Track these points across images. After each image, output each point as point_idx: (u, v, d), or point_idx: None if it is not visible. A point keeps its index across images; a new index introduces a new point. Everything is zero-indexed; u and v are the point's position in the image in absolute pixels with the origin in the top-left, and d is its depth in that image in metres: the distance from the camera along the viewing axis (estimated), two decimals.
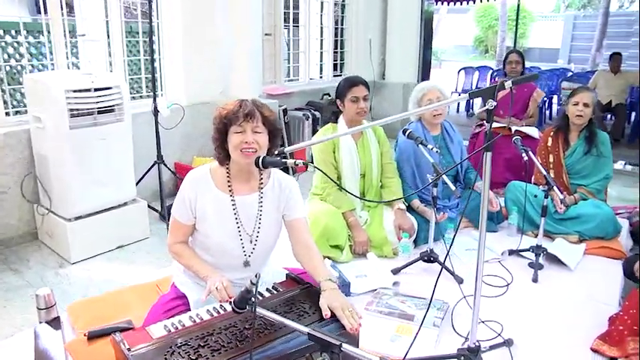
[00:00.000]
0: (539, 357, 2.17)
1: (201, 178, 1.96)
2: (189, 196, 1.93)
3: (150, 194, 4.16)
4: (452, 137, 3.46)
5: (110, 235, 3.43)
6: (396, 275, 2.80)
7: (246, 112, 1.85)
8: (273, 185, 2.02)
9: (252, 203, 1.98)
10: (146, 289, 2.46)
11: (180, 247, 2.01)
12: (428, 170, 3.29)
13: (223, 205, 1.94)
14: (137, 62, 4.66)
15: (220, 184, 1.95)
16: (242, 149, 1.85)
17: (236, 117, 1.85)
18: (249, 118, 1.85)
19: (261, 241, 2.01)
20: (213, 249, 1.98)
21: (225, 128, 1.89)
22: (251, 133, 1.85)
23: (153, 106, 3.73)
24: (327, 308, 1.73)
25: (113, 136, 3.36)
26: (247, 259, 2.01)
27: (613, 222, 3.18)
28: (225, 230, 1.95)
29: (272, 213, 2.02)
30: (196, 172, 1.98)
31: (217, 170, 1.98)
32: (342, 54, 6.83)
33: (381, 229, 3.06)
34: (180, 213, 1.97)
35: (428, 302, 2.45)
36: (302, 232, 2.05)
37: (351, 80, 3.07)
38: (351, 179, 3.10)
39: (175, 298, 2.02)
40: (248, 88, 4.73)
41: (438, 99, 3.22)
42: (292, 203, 2.05)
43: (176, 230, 2.00)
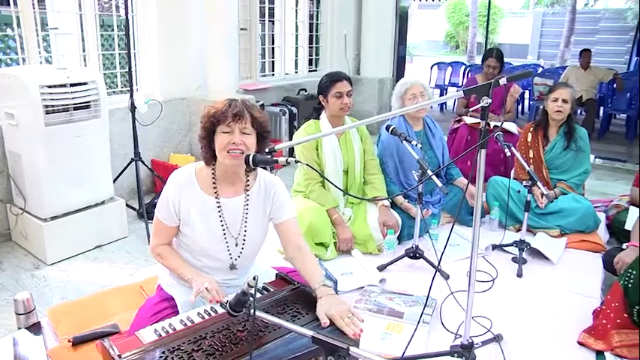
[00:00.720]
0: (528, 351, 2.19)
1: (185, 180, 1.90)
2: (173, 198, 1.87)
3: (126, 192, 4.07)
4: (434, 132, 3.48)
5: (88, 234, 3.33)
6: (382, 272, 2.80)
7: (235, 112, 1.80)
8: (259, 187, 1.97)
9: (238, 206, 1.93)
10: (130, 291, 2.39)
11: (163, 249, 1.96)
12: (411, 166, 3.31)
13: (208, 208, 1.89)
14: (109, 57, 4.54)
15: (205, 186, 1.90)
16: (229, 150, 1.80)
17: (224, 117, 1.80)
18: (238, 119, 1.80)
19: (248, 244, 1.96)
20: (199, 252, 1.93)
21: (212, 127, 1.83)
22: (239, 134, 1.80)
23: (130, 102, 3.62)
24: (325, 317, 1.68)
25: (89, 133, 3.25)
26: (234, 262, 1.96)
27: (593, 216, 3.24)
28: (211, 233, 1.90)
29: (258, 215, 1.97)
30: (181, 173, 1.93)
31: (203, 171, 1.92)
32: (317, 49, 6.79)
33: (365, 226, 3.05)
34: (163, 215, 1.91)
35: (416, 299, 2.47)
36: (293, 233, 2.01)
37: (334, 76, 3.05)
38: (334, 176, 3.07)
39: (162, 300, 1.95)
40: (224, 83, 4.66)
41: (422, 94, 3.23)
42: (279, 205, 1.99)
43: (159, 232, 1.95)
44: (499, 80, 1.73)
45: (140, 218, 3.79)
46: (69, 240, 3.23)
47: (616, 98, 7.39)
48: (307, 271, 1.91)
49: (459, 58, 19.77)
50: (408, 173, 3.34)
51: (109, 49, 4.54)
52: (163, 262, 1.96)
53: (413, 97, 3.23)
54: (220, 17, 4.53)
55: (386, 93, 7.14)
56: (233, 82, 4.72)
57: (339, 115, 3.03)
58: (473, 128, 4.45)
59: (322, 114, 3.10)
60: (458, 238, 3.33)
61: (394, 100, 3.35)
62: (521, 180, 3.43)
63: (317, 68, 6.73)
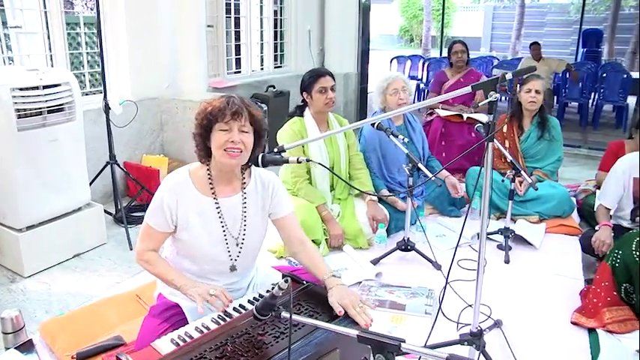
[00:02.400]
0: (526, 334, 2.27)
1: (181, 183, 1.85)
2: (169, 203, 1.81)
3: (100, 197, 3.93)
4: (413, 126, 3.52)
5: (65, 243, 3.19)
6: (376, 266, 2.82)
7: (234, 109, 1.75)
8: (255, 184, 1.94)
9: (236, 205, 1.89)
10: (126, 301, 2.31)
11: (151, 255, 1.88)
12: (394, 160, 3.35)
13: (207, 210, 1.84)
14: (76, 56, 4.36)
15: (202, 187, 1.85)
16: (227, 149, 1.76)
17: (222, 114, 1.75)
18: (237, 117, 1.75)
19: (247, 244, 1.93)
20: (198, 256, 1.88)
21: (209, 125, 1.78)
22: (237, 133, 1.76)
23: (103, 103, 3.50)
24: (339, 306, 1.68)
25: (64, 136, 3.12)
26: (234, 263, 1.92)
27: (568, 201, 3.38)
28: (211, 235, 1.85)
29: (257, 213, 1.94)
30: (175, 176, 1.87)
31: (197, 172, 1.88)
32: (282, 45, 6.74)
33: (354, 221, 3.07)
34: (156, 221, 1.84)
35: (415, 291, 2.51)
36: (293, 228, 1.99)
37: (316, 72, 3.09)
38: (321, 173, 3.09)
39: (167, 308, 1.89)
40: (194, 81, 4.57)
41: (403, 88, 3.27)
42: (278, 201, 1.97)
43: (148, 238, 1.88)
44: (505, 75, 1.76)
45: (117, 223, 3.68)
46: (46, 250, 3.09)
47: (569, 88, 7.69)
48: (313, 263, 1.90)
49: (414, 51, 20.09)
50: (391, 167, 3.37)
51: (76, 49, 4.36)
52: (151, 269, 1.88)
53: (395, 92, 3.26)
54: (189, 14, 4.43)
55: (351, 87, 7.16)
56: (203, 80, 4.63)
57: (324, 110, 3.05)
58: (447, 120, 4.53)
59: (306, 111, 3.11)
60: (442, 229, 3.40)
61: (376, 96, 3.38)
62: (499, 170, 3.52)
63: (282, 64, 6.69)
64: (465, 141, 4.44)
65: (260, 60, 6.47)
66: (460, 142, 4.46)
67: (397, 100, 3.25)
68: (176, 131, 4.51)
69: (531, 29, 19.20)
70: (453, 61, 4.75)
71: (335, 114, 3.27)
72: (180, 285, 1.78)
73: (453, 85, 4.71)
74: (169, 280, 1.82)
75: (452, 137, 4.51)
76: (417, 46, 23.43)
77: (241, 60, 6.10)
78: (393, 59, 10.36)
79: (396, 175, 3.39)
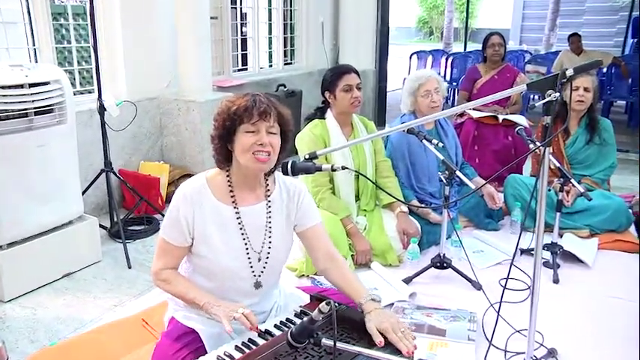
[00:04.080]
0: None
1: (197, 191, 1.85)
2: (185, 214, 1.82)
3: (92, 209, 3.94)
4: (446, 131, 3.54)
5: (53, 261, 3.18)
6: (410, 285, 2.82)
7: (262, 108, 1.76)
8: (280, 191, 1.95)
9: (260, 214, 1.90)
10: (130, 327, 2.30)
11: (170, 273, 1.89)
12: (423, 168, 3.37)
13: (227, 220, 1.85)
14: (62, 50, 4.39)
15: (221, 195, 1.86)
16: (255, 152, 1.76)
17: (249, 114, 1.76)
18: (265, 117, 1.76)
19: (272, 257, 1.93)
20: (218, 272, 1.88)
21: (232, 126, 1.79)
22: (266, 134, 1.77)
23: (98, 104, 3.51)
24: (379, 334, 1.67)
25: (54, 141, 3.11)
26: (258, 279, 1.92)
27: (625, 213, 3.34)
28: (231, 248, 1.86)
29: (282, 223, 1.95)
30: (190, 184, 1.88)
31: (216, 178, 1.89)
32: (292, 39, 6.77)
33: (382, 236, 3.08)
34: (172, 234, 1.85)
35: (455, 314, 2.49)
36: (322, 240, 2.00)
37: (340, 68, 3.10)
38: (345, 181, 3.11)
39: (182, 334, 1.89)
40: (197, 79, 4.56)
41: (436, 90, 3.29)
42: (305, 209, 1.98)
43: (165, 254, 1.89)
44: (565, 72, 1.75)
45: (112, 238, 3.68)
46: (31, 269, 3.06)
47: (615, 84, 7.65)
48: (347, 282, 1.90)
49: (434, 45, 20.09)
50: (420, 176, 3.39)
51: (62, 42, 4.39)
52: (169, 289, 1.89)
53: (427, 95, 3.28)
54: (191, 5, 4.45)
55: (368, 86, 7.18)
56: (206, 78, 4.64)
57: (349, 111, 3.07)
58: (480, 123, 4.53)
59: (328, 112, 3.13)
60: (479, 244, 3.40)
61: (405, 97, 3.41)
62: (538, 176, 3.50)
63: (293, 61, 6.71)
64: (501, 146, 4.44)
65: (268, 56, 6.50)
66: (495, 146, 4.45)
67: (429, 103, 3.28)
68: (177, 135, 4.52)
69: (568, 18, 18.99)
70: (488, 55, 4.74)
71: (359, 115, 3.29)
72: (203, 303, 1.78)
73: (486, 83, 4.70)
74: (190, 298, 1.82)
75: (486, 141, 4.51)
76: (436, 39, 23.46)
77: (248, 56, 6.14)
78: (413, 55, 10.37)
79: (426, 184, 3.40)
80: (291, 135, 1.90)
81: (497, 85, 4.60)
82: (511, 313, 2.51)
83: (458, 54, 10.48)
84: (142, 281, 3.14)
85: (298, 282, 2.83)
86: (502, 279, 2.90)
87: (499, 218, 3.67)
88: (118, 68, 4.27)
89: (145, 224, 3.86)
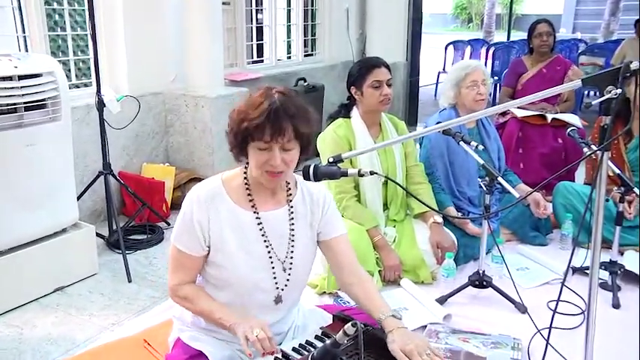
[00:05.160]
0: None
1: (213, 194, 1.87)
2: (200, 218, 1.84)
3: (87, 215, 3.97)
4: (488, 131, 3.54)
5: (44, 274, 3.20)
6: (444, 306, 2.81)
7: (276, 127, 1.71)
8: (302, 196, 1.98)
9: (282, 220, 1.93)
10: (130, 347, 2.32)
11: (190, 289, 1.91)
12: (463, 170, 3.41)
13: (246, 225, 1.88)
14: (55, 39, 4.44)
15: (239, 199, 1.89)
16: (267, 170, 1.79)
17: (260, 132, 1.73)
18: (279, 134, 1.73)
19: (296, 268, 1.95)
20: (236, 285, 1.89)
21: (244, 139, 1.79)
22: (279, 153, 1.76)
23: (96, 99, 3.54)
24: (403, 356, 1.67)
25: (46, 140, 3.14)
26: (280, 292, 1.94)
27: None
28: (252, 257, 1.88)
29: (305, 231, 1.98)
30: (205, 186, 1.90)
31: (234, 180, 1.91)
32: (314, 28, 6.79)
33: (414, 249, 3.08)
34: (186, 243, 1.87)
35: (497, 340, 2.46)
36: (346, 253, 2.03)
37: (369, 62, 3.11)
38: (372, 188, 3.12)
39: (189, 358, 1.90)
40: (208, 73, 4.59)
41: (484, 82, 3.30)
42: (330, 217, 2.02)
43: (181, 266, 1.91)
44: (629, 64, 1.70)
45: (111, 249, 3.71)
46: (18, 283, 3.09)
47: None
48: (369, 299, 1.92)
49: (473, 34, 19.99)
50: (460, 179, 3.39)
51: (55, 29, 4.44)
52: (190, 307, 1.91)
53: (473, 85, 3.30)
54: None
55: (399, 80, 7.17)
56: (218, 70, 4.66)
57: (378, 109, 3.08)
58: (525, 123, 4.49)
59: (353, 111, 3.14)
60: (524, 260, 3.38)
61: (447, 89, 3.42)
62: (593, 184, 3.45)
63: (314, 52, 6.73)
64: (549, 149, 4.40)
65: (287, 46, 6.52)
66: (542, 149, 4.42)
67: (475, 95, 3.29)
68: (185, 135, 4.56)
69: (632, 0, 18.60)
70: (534, 46, 4.71)
71: (388, 114, 3.29)
72: (230, 324, 1.78)
73: (533, 78, 4.68)
74: (215, 319, 1.83)
75: (532, 144, 4.48)
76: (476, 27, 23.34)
77: (264, 46, 6.16)
78: (449, 45, 10.36)
79: (465, 188, 3.40)
80: (312, 142, 1.88)
81: (545, 79, 4.56)
82: (562, 340, 2.47)
83: (500, 44, 10.43)
84: (143, 297, 3.16)
85: (319, 300, 2.82)
86: (551, 301, 2.86)
87: (547, 231, 3.63)
88: (119, 59, 4.31)
89: (147, 233, 3.89)
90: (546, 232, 3.63)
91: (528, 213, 3.47)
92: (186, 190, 4.29)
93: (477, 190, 3.39)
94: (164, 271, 3.40)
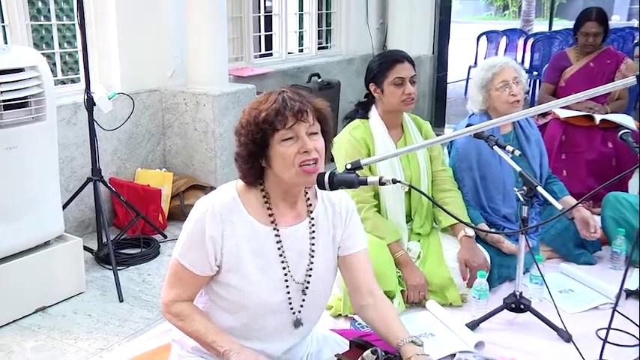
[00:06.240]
0: None
1: (228, 207, 1.88)
2: (213, 234, 1.84)
3: (75, 227, 4.01)
4: (527, 135, 3.52)
5: (25, 293, 3.22)
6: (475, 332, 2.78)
7: (296, 107, 1.77)
8: (324, 206, 2.01)
9: (302, 236, 1.95)
10: None
11: (184, 307, 1.92)
12: (496, 182, 3.38)
13: (264, 243, 1.90)
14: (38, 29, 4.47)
15: (256, 212, 1.90)
16: (302, 164, 1.78)
17: (282, 118, 1.77)
18: (302, 116, 1.78)
19: (315, 288, 1.97)
20: (249, 307, 1.90)
21: (264, 138, 1.80)
22: (308, 138, 1.79)
23: (85, 97, 3.56)
24: None
25: (28, 142, 3.16)
26: (298, 316, 1.96)
27: None
28: (268, 278, 1.90)
29: (326, 246, 2.00)
30: (218, 197, 1.90)
31: (250, 191, 1.92)
32: (329, 17, 6.81)
33: (441, 267, 3.06)
34: (193, 260, 1.87)
35: None
36: (364, 271, 2.05)
37: (391, 56, 3.11)
38: (394, 197, 3.11)
39: None
40: (210, 67, 4.61)
41: (516, 80, 3.26)
42: (352, 229, 2.04)
43: (181, 282, 1.92)
44: None
45: (101, 264, 3.73)
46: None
47: None
48: (385, 322, 1.95)
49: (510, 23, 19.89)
50: (493, 193, 3.38)
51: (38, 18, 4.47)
52: (182, 326, 1.92)
53: (504, 86, 3.26)
54: None
55: (424, 77, 7.16)
56: (221, 65, 4.68)
57: (400, 109, 3.08)
58: (569, 124, 4.46)
59: (372, 111, 3.14)
60: (568, 281, 3.35)
61: (474, 93, 3.39)
62: None
63: (329, 44, 6.74)
64: (598, 154, 4.36)
65: (299, 38, 6.53)
66: (589, 155, 4.39)
67: (507, 97, 3.26)
68: (184, 136, 4.58)
69: None
70: (579, 42, 4.68)
71: (411, 114, 3.29)
72: (224, 350, 1.80)
73: (578, 73, 4.65)
74: (208, 342, 1.85)
75: (577, 149, 4.45)
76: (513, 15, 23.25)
77: (273, 38, 6.17)
78: (482, 36, 10.36)
79: (499, 204, 3.38)
80: (332, 133, 1.94)
81: (593, 75, 4.53)
82: None
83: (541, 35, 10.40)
84: (136, 318, 3.16)
85: (333, 323, 2.82)
86: (601, 329, 2.82)
87: (595, 249, 3.59)
88: (111, 52, 4.34)
89: (141, 247, 3.89)
90: (594, 250, 3.58)
91: (573, 228, 3.43)
92: (185, 198, 4.32)
93: (514, 207, 3.38)
94: (160, 290, 3.37)
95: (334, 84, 5.77)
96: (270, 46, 6.18)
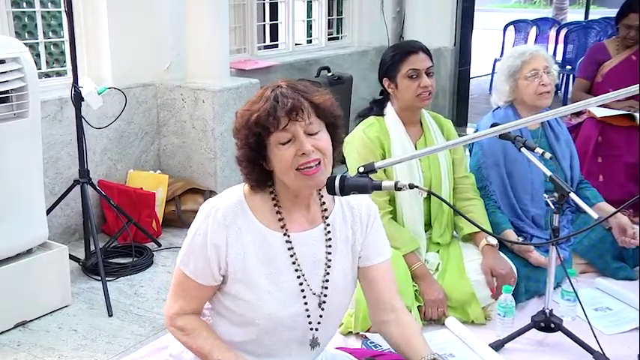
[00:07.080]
0: None
1: (234, 211, 1.88)
2: (217, 241, 1.85)
3: (61, 233, 4.03)
4: (557, 134, 3.51)
5: (3, 305, 3.23)
6: (500, 353, 2.77)
7: (289, 105, 1.76)
8: (342, 211, 2.00)
9: (317, 243, 1.95)
10: None
11: (189, 320, 1.93)
12: (524, 182, 3.40)
13: (274, 250, 1.90)
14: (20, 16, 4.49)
15: (265, 217, 1.90)
16: (300, 167, 1.78)
17: (274, 119, 1.76)
18: (296, 115, 1.76)
19: (334, 301, 1.97)
20: (260, 321, 1.89)
21: (259, 141, 1.81)
22: (306, 138, 1.78)
23: (72, 91, 3.58)
24: None
25: (9, 141, 3.18)
26: (314, 333, 1.96)
27: None
28: (280, 289, 1.90)
29: (345, 255, 1.99)
30: (223, 201, 1.91)
31: (258, 195, 1.92)
32: (340, 5, 6.81)
33: (462, 280, 3.05)
34: (196, 269, 1.88)
35: None
36: (387, 284, 2.05)
37: (404, 47, 3.13)
38: (412, 203, 3.11)
39: None
40: (209, 60, 4.62)
41: (546, 70, 3.27)
42: (374, 238, 2.03)
43: (185, 293, 1.93)
44: None
45: (88, 274, 3.74)
46: None
47: None
48: (408, 340, 1.95)
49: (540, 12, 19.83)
50: (521, 193, 3.38)
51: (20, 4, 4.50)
52: (188, 342, 1.93)
53: (534, 76, 3.27)
54: None
55: (444, 70, 7.16)
56: (222, 57, 4.68)
57: (416, 105, 3.08)
58: (606, 124, 4.46)
59: (387, 107, 3.14)
60: (605, 298, 3.34)
61: (501, 83, 3.42)
62: None
63: (340, 35, 6.75)
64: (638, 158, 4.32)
65: (307, 27, 6.54)
66: (629, 158, 4.37)
67: (537, 87, 3.27)
68: (181, 135, 4.60)
69: None
70: (621, 35, 4.66)
71: (431, 112, 3.29)
72: None
73: (617, 68, 4.64)
74: (214, 359, 1.85)
75: (615, 151, 4.44)
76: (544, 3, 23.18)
77: (279, 28, 6.18)
78: (509, 25, 10.35)
79: (528, 205, 3.38)
80: (340, 123, 1.92)
81: (634, 70, 4.51)
82: None
83: (575, 24, 10.37)
84: (127, 334, 3.17)
85: (343, 341, 2.81)
86: None
87: (636, 262, 3.55)
88: (101, 42, 4.36)
89: (133, 256, 3.89)
90: (634, 264, 3.55)
91: (610, 238, 3.42)
92: (181, 203, 4.33)
93: (543, 208, 3.36)
94: (153, 303, 3.42)
95: (345, 78, 5.77)
96: (275, 37, 6.19)
